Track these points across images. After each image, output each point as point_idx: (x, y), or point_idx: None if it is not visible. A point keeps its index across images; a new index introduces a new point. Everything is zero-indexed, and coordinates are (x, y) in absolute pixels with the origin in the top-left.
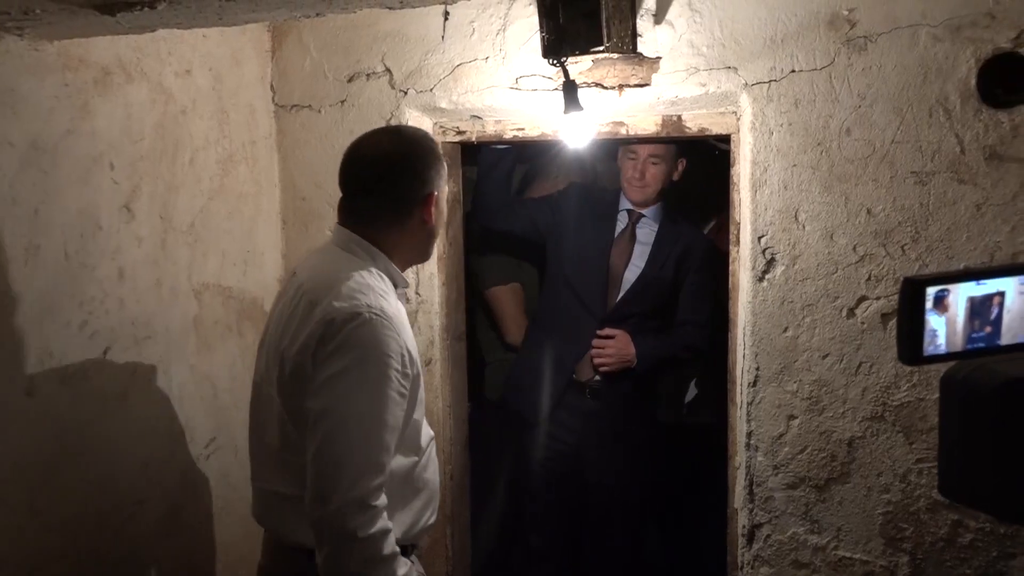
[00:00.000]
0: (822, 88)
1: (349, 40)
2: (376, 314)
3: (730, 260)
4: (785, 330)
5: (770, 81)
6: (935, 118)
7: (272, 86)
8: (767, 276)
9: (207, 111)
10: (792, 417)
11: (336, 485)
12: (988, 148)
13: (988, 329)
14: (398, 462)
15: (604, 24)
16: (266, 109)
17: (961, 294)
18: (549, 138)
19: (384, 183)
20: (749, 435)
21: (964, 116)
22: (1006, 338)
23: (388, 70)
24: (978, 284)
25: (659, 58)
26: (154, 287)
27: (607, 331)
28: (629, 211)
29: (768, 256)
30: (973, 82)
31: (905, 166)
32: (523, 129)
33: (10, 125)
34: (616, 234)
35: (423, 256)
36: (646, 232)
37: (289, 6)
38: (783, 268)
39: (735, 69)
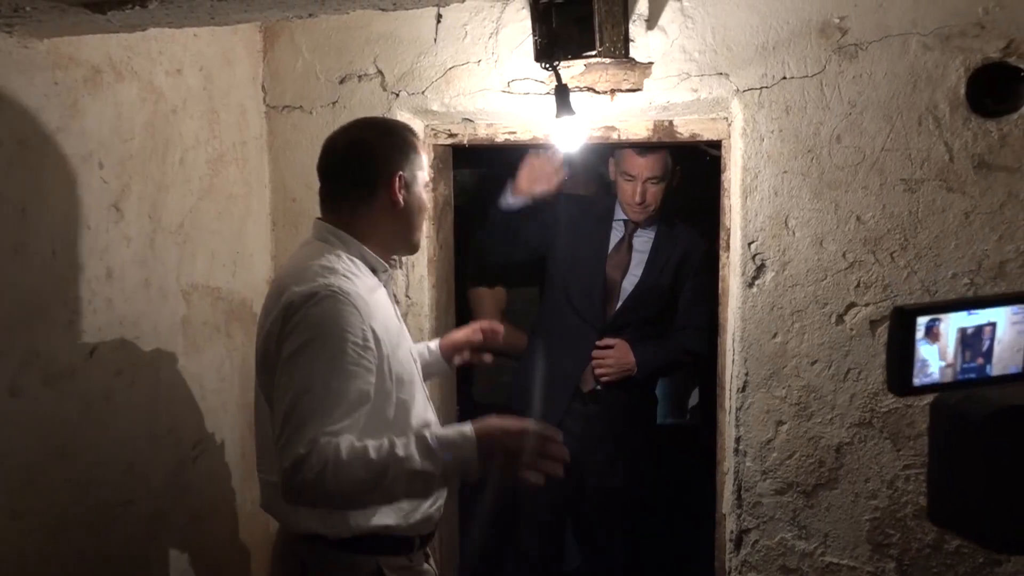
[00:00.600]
0: (813, 95)
1: (341, 41)
2: (333, 291)
3: (720, 266)
4: (774, 336)
5: (761, 87)
6: (925, 126)
7: (263, 87)
8: (757, 282)
9: (197, 111)
10: (781, 423)
11: (293, 454)
12: (977, 157)
13: (979, 360)
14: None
15: (597, 29)
16: (257, 110)
17: (952, 324)
18: (540, 142)
19: (346, 166)
20: (738, 440)
21: (953, 125)
22: (997, 369)
23: (380, 72)
24: (969, 314)
25: (651, 63)
26: (142, 287)
27: (606, 341)
28: (625, 221)
29: (758, 262)
30: (962, 91)
31: (895, 174)
32: (515, 132)
33: None
34: (612, 244)
35: (406, 243)
36: (643, 240)
37: (281, 7)
38: (773, 274)
39: (727, 75)
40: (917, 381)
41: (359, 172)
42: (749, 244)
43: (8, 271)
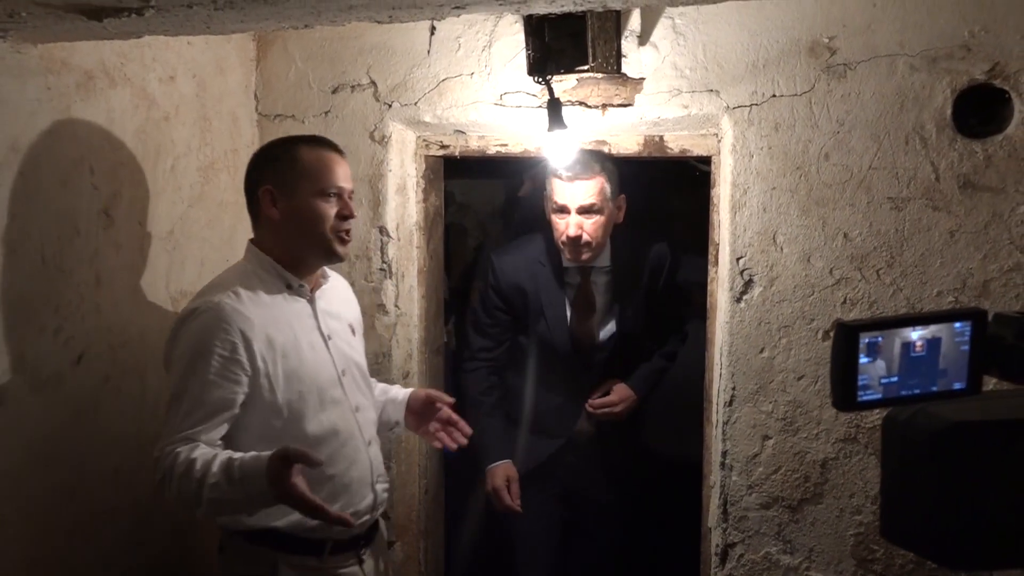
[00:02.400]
0: (802, 113)
1: (335, 51)
2: (209, 308)
3: (708, 280)
4: (761, 351)
5: (751, 105)
6: (911, 146)
7: (256, 95)
8: (745, 297)
9: (190, 118)
10: (767, 437)
11: (153, 457)
12: (962, 177)
13: (924, 376)
14: (263, 449)
15: (590, 44)
16: (249, 118)
17: (896, 340)
18: (532, 155)
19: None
20: (724, 454)
21: (940, 145)
22: (941, 385)
23: (373, 82)
24: (913, 331)
25: (643, 79)
26: (131, 294)
27: (605, 399)
28: (575, 267)
29: (746, 277)
30: (949, 112)
31: (882, 192)
32: (506, 145)
33: None
34: (569, 300)
35: (312, 253)
36: (603, 282)
37: (277, 17)
38: (760, 289)
39: (717, 92)
40: (861, 397)
41: (246, 192)
42: (737, 259)
43: None
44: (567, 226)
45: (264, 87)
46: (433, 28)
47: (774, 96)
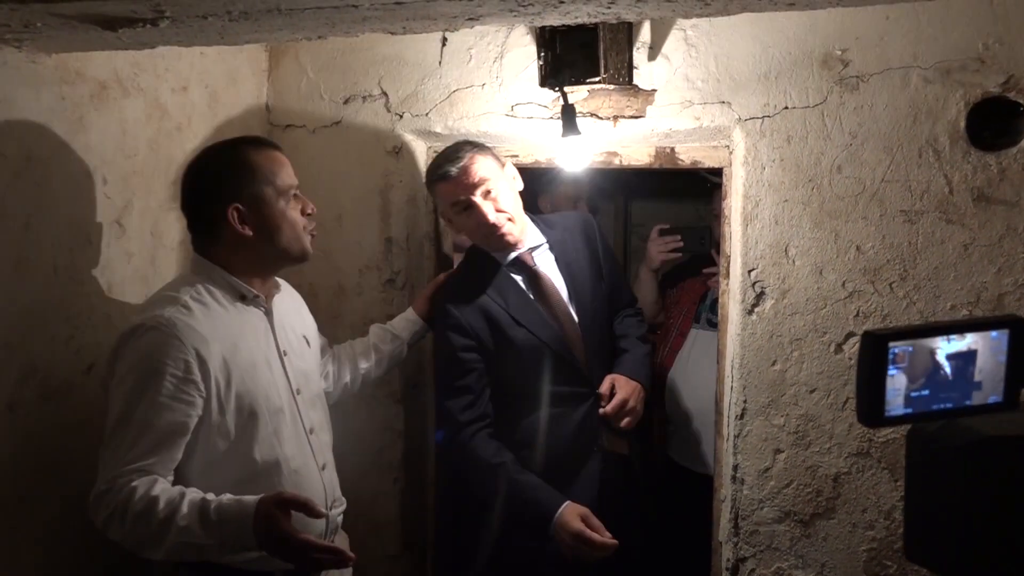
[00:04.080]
0: (814, 125)
1: (346, 62)
2: (158, 323)
3: (720, 292)
4: (773, 363)
5: (763, 117)
6: (925, 158)
7: (267, 105)
8: (756, 309)
9: (202, 129)
10: (779, 451)
11: (97, 481)
12: (976, 190)
13: (955, 389)
14: (215, 477)
15: (601, 56)
16: (260, 128)
17: (926, 351)
18: (543, 165)
19: (185, 203)
20: (735, 468)
21: (953, 157)
22: (976, 398)
23: (384, 93)
24: (946, 340)
25: (654, 90)
26: (142, 303)
27: (617, 399)
28: (515, 260)
29: (758, 290)
30: (962, 124)
31: (895, 205)
32: (517, 156)
33: (5, 136)
34: (525, 300)
35: (282, 260)
36: (546, 260)
37: (291, 28)
38: (772, 302)
39: (729, 104)
40: (889, 411)
41: (195, 213)
42: (749, 272)
43: (9, 285)
44: (482, 215)
45: (276, 97)
46: (444, 39)
47: (786, 108)
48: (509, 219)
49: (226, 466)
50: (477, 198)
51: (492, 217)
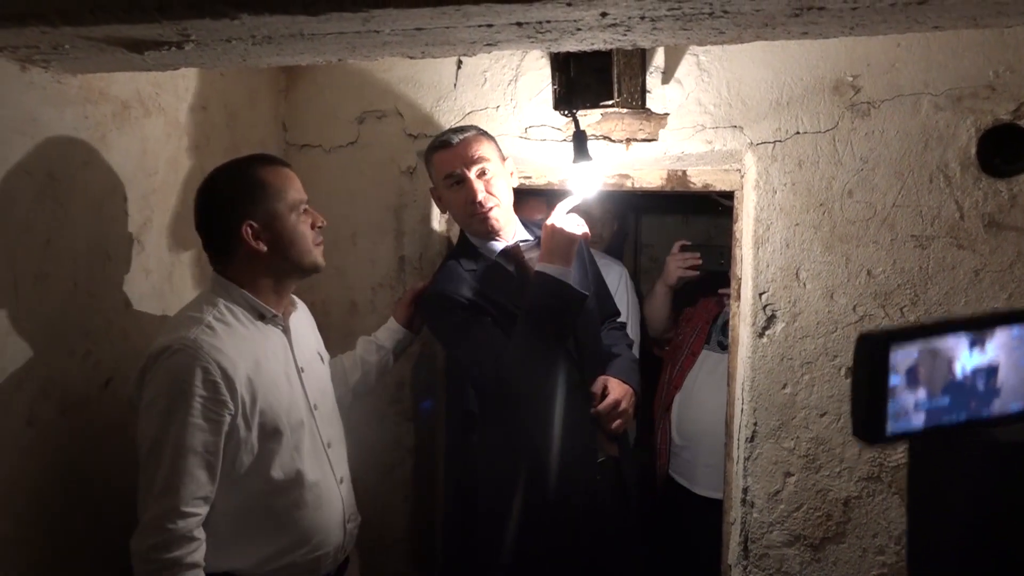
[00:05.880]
0: (826, 150)
1: (363, 83)
2: (185, 345)
3: (731, 315)
4: (784, 387)
5: (775, 141)
6: (935, 184)
7: (284, 125)
8: (767, 332)
9: (220, 147)
10: (789, 474)
11: (143, 509)
12: (987, 216)
13: (971, 397)
14: (238, 492)
15: (615, 80)
16: (277, 147)
17: (937, 353)
18: (555, 187)
19: (199, 222)
20: (745, 491)
21: (964, 183)
22: (997, 407)
23: (400, 114)
24: (959, 339)
25: (667, 114)
26: (159, 319)
27: (609, 399)
28: (504, 251)
29: (769, 312)
30: (973, 151)
31: (905, 230)
32: (530, 177)
33: (29, 154)
34: (517, 289)
35: (296, 274)
36: (534, 257)
37: (313, 52)
38: (783, 325)
39: (741, 128)
40: (892, 428)
41: (210, 232)
42: (760, 295)
43: (30, 301)
44: (472, 191)
45: (292, 117)
46: (460, 62)
47: (798, 133)
48: (497, 204)
49: (249, 481)
50: (472, 174)
51: (481, 195)
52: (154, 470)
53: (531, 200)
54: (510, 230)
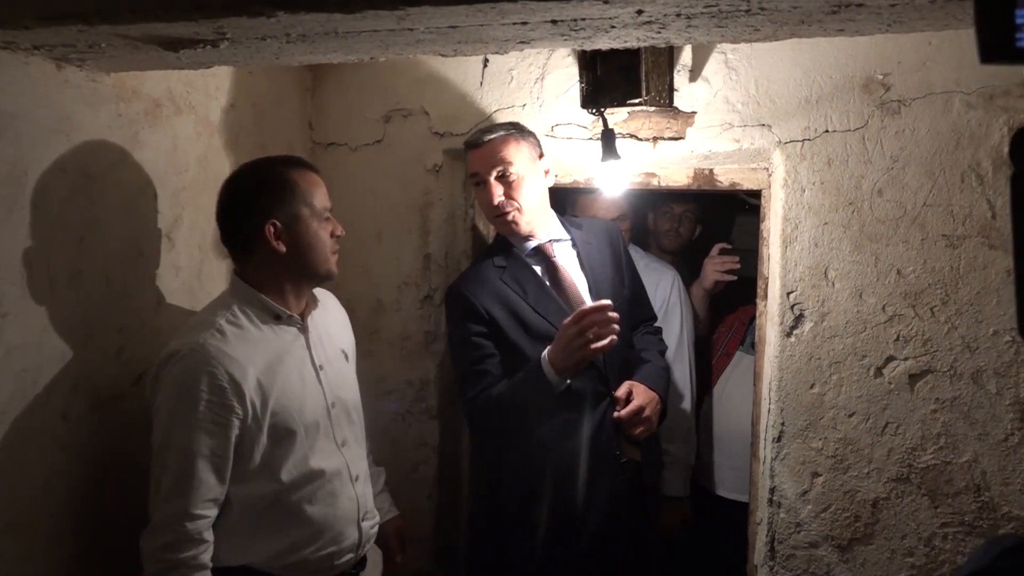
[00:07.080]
0: (855, 149)
1: (389, 82)
2: (192, 349)
3: (758, 314)
4: (812, 387)
5: (804, 140)
6: (967, 183)
7: (310, 123)
8: (795, 332)
9: (248, 145)
10: (816, 475)
11: (154, 509)
12: None
13: None
14: (251, 488)
15: (643, 78)
16: (303, 146)
17: None
18: (581, 186)
19: (222, 219)
20: (772, 491)
21: (996, 183)
22: None
23: (426, 112)
24: None
25: (694, 113)
26: (188, 316)
27: (632, 405)
28: (534, 250)
29: (797, 312)
30: (1006, 150)
31: (936, 229)
32: (557, 176)
33: (65, 153)
34: (544, 289)
35: (311, 279)
36: (567, 254)
37: (345, 50)
38: (811, 324)
39: (769, 127)
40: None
41: (232, 226)
42: (788, 294)
43: (64, 298)
44: (488, 195)
45: (318, 115)
46: (486, 60)
47: (827, 131)
48: (517, 208)
49: (262, 478)
50: (492, 177)
51: (496, 200)
52: (163, 472)
53: (588, 198)
54: (542, 229)
